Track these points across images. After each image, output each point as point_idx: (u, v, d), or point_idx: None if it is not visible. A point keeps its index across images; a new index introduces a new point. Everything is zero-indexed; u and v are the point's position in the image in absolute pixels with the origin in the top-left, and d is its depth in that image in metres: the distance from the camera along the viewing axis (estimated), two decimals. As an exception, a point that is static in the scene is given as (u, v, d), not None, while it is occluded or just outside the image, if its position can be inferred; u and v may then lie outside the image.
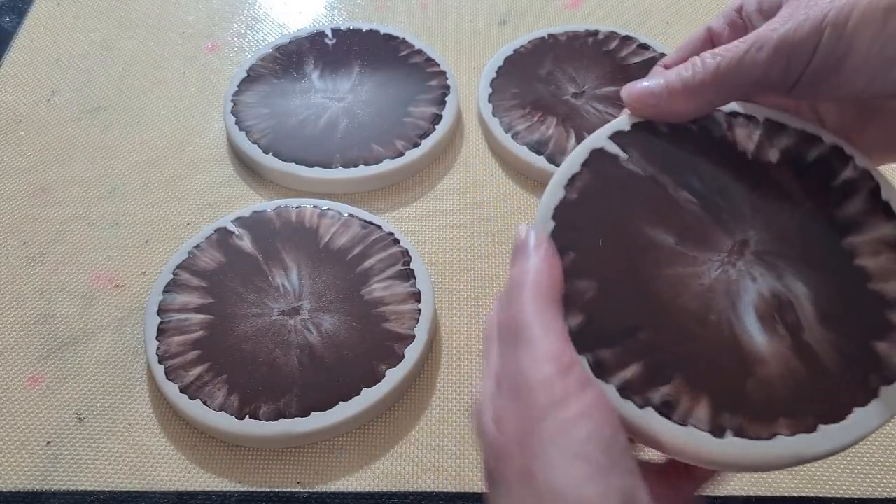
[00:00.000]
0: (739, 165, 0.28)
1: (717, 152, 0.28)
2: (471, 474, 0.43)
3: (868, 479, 0.42)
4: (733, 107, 0.29)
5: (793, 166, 0.28)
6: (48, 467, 0.43)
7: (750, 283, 0.26)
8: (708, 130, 0.29)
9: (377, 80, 0.61)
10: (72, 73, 0.64)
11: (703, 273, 0.26)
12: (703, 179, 0.28)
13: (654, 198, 0.28)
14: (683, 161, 0.28)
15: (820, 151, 0.28)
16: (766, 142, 0.29)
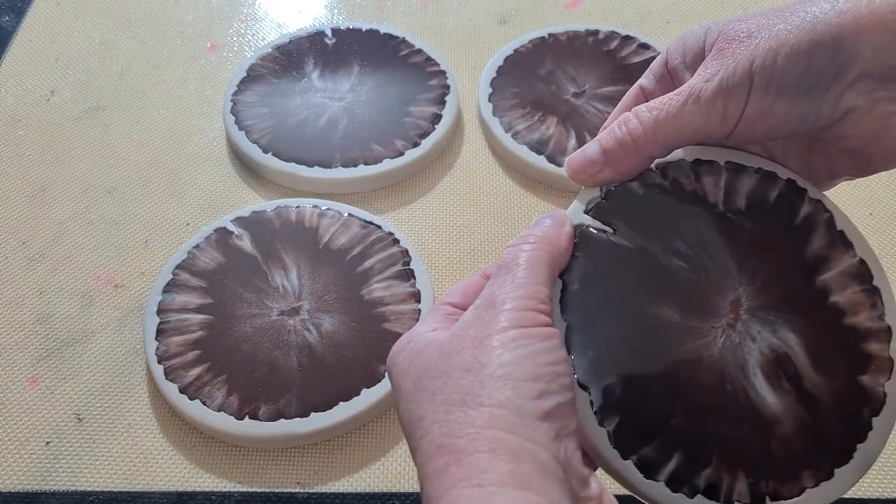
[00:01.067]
0: (715, 219, 0.29)
1: (692, 206, 0.29)
2: (471, 475, 0.43)
3: (868, 479, 0.42)
4: (695, 153, 0.30)
5: (759, 210, 0.29)
6: (47, 467, 0.43)
7: (751, 344, 0.27)
8: (678, 183, 0.29)
9: (377, 80, 0.61)
10: (71, 72, 0.64)
11: (711, 343, 0.27)
12: (688, 241, 0.28)
13: (648, 271, 0.28)
14: (665, 223, 0.29)
15: (779, 189, 0.29)
16: (732, 188, 0.29)
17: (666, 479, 0.26)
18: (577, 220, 0.29)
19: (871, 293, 0.28)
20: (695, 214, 0.29)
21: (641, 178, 0.29)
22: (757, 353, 0.27)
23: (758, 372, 0.27)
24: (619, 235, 0.28)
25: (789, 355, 0.27)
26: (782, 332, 0.27)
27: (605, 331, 0.27)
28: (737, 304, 0.28)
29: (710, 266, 0.28)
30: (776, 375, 0.27)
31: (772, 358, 0.27)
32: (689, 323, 0.27)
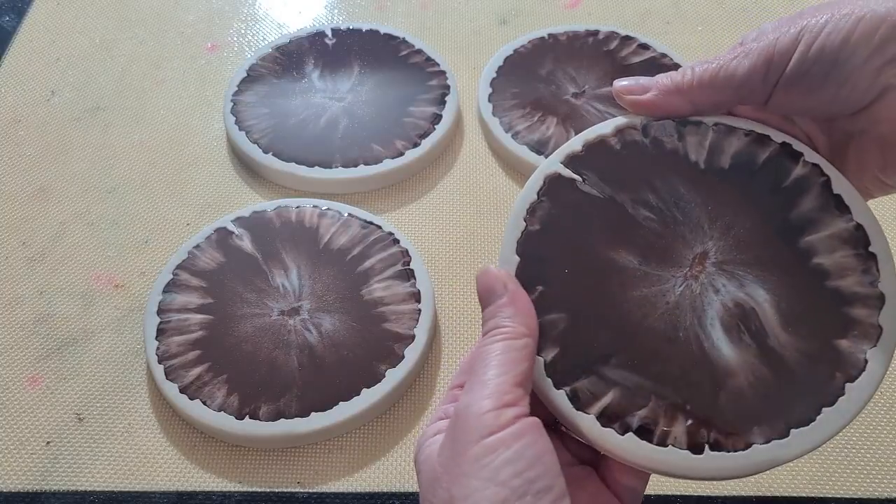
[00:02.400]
0: (694, 175, 0.29)
1: (671, 164, 0.29)
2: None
3: (868, 479, 0.42)
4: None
5: (745, 170, 0.29)
6: (48, 467, 0.43)
7: (713, 296, 0.27)
8: (660, 142, 0.29)
9: (377, 80, 0.61)
10: (71, 73, 0.64)
11: (668, 291, 0.27)
12: (660, 194, 0.28)
13: (613, 219, 0.28)
14: (639, 177, 0.29)
15: (770, 151, 0.29)
16: (717, 148, 0.29)
17: (597, 413, 0.26)
18: (550, 169, 0.29)
19: (865, 258, 0.27)
20: (672, 171, 0.29)
21: (621, 135, 0.30)
22: (718, 305, 0.27)
23: (716, 323, 0.26)
24: (587, 184, 0.29)
25: (755, 311, 0.26)
26: (751, 287, 0.27)
27: (558, 269, 0.27)
28: (703, 256, 0.27)
29: (679, 219, 0.28)
30: (737, 329, 0.26)
31: (735, 312, 0.26)
32: (647, 270, 0.27)
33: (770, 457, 0.25)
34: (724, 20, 0.68)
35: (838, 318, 0.26)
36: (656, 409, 0.26)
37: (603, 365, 0.26)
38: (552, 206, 0.29)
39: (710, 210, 0.28)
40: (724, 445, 0.25)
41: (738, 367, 0.26)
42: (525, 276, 0.28)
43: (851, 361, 0.26)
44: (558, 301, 0.27)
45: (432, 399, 0.46)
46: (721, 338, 0.26)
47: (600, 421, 0.26)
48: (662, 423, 0.25)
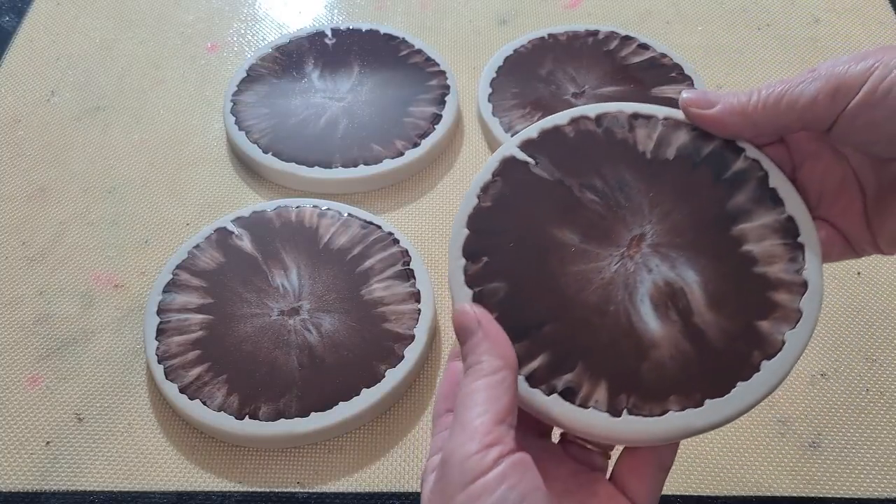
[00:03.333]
0: (640, 164, 0.31)
1: (620, 153, 0.31)
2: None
3: (868, 480, 0.42)
4: (636, 107, 0.32)
5: (688, 162, 0.30)
6: (47, 467, 0.43)
7: (646, 275, 0.29)
8: (611, 133, 0.32)
9: (377, 80, 0.61)
10: (71, 73, 0.64)
11: (604, 268, 0.29)
12: (606, 180, 0.30)
13: (560, 200, 0.30)
14: (588, 163, 0.31)
15: (714, 146, 0.31)
16: (665, 140, 0.31)
17: (527, 374, 0.27)
18: (506, 153, 0.31)
19: (793, 248, 0.28)
20: (619, 159, 0.31)
21: (575, 123, 0.32)
22: (650, 283, 0.28)
23: (646, 300, 0.28)
24: (539, 167, 0.31)
25: (684, 290, 0.28)
26: (682, 269, 0.28)
27: (504, 243, 0.29)
28: (641, 238, 0.29)
29: (622, 203, 0.30)
30: (665, 306, 0.28)
31: (665, 290, 0.28)
32: (587, 247, 0.29)
33: (684, 423, 0.26)
34: (724, 20, 0.68)
35: (762, 302, 0.28)
36: (581, 374, 0.27)
37: (536, 331, 0.28)
38: (504, 186, 0.31)
39: (652, 197, 0.30)
40: (642, 410, 0.26)
41: (662, 340, 0.27)
42: (472, 247, 0.30)
43: (770, 342, 0.27)
44: (500, 272, 0.29)
45: (432, 399, 0.46)
46: (649, 313, 0.28)
47: (529, 382, 0.27)
48: (586, 386, 0.27)
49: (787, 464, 0.43)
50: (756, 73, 0.64)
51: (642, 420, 0.26)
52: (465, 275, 0.29)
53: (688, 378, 0.27)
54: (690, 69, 0.60)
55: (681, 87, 0.59)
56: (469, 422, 0.25)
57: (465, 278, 0.29)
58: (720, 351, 0.27)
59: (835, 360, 0.47)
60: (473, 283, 0.29)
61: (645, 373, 0.27)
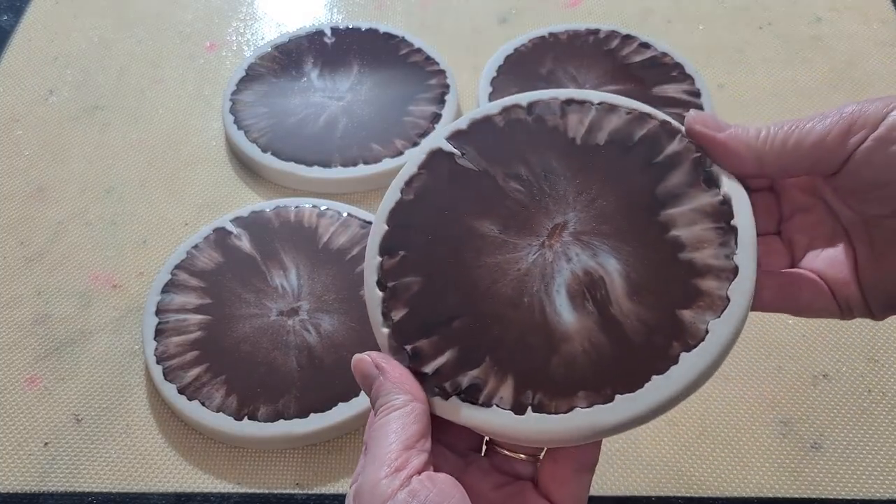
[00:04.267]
0: (569, 151, 0.30)
1: (549, 140, 0.30)
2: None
3: (871, 481, 0.42)
4: (571, 93, 0.31)
5: (620, 146, 0.29)
6: (46, 468, 0.43)
7: (564, 264, 0.27)
8: (542, 120, 0.31)
9: (376, 79, 0.60)
10: (69, 72, 0.64)
11: (522, 258, 0.28)
12: (532, 168, 0.29)
13: (483, 191, 0.29)
14: (515, 152, 0.30)
15: (648, 129, 0.30)
16: (596, 125, 0.30)
17: (432, 371, 0.26)
18: (433, 145, 0.30)
19: (725, 232, 0.27)
20: (548, 147, 0.30)
21: (507, 113, 0.31)
22: (567, 274, 0.27)
23: (562, 290, 0.27)
24: (465, 158, 0.30)
25: (604, 279, 0.27)
26: (604, 257, 0.27)
27: (422, 237, 0.29)
28: (562, 227, 0.28)
29: (546, 191, 0.29)
30: (582, 297, 0.27)
31: (583, 279, 0.27)
32: (505, 238, 0.28)
33: (591, 421, 0.25)
34: (725, 19, 0.68)
35: (686, 290, 0.26)
36: (488, 370, 0.26)
37: (446, 327, 0.27)
38: (429, 178, 0.30)
39: (578, 183, 0.29)
40: (547, 407, 0.25)
41: (575, 333, 0.26)
42: (390, 242, 0.29)
43: (692, 332, 0.25)
44: (416, 266, 0.28)
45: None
46: (564, 304, 0.27)
47: (434, 378, 0.26)
48: (492, 383, 0.26)
49: (788, 465, 0.43)
50: (757, 72, 0.63)
51: (546, 418, 0.25)
52: (378, 272, 0.28)
53: (599, 372, 0.25)
54: (691, 68, 0.60)
55: (682, 85, 0.59)
56: (377, 453, 0.24)
57: (377, 276, 0.28)
58: (637, 343, 0.25)
59: (837, 360, 0.47)
60: (387, 279, 0.28)
61: (554, 368, 0.26)
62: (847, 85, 0.62)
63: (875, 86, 0.62)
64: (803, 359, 0.47)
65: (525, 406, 0.25)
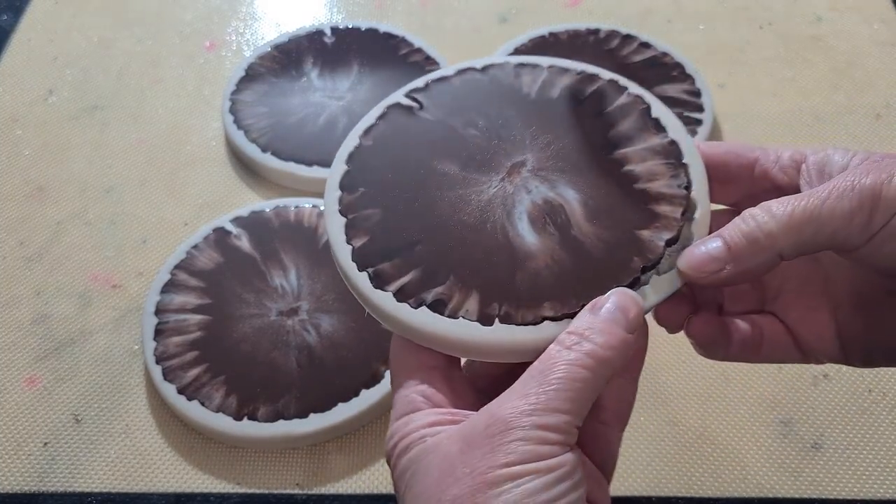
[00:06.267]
0: (523, 105, 0.31)
1: (504, 95, 0.32)
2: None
3: (871, 481, 0.42)
4: (522, 59, 0.33)
5: (571, 100, 0.31)
6: (45, 469, 0.43)
7: (525, 195, 0.29)
8: (497, 79, 0.32)
9: (376, 79, 0.60)
10: (69, 72, 0.64)
11: (483, 191, 0.29)
12: (489, 118, 0.31)
13: (442, 138, 0.31)
14: (472, 106, 0.31)
15: (598, 85, 0.31)
16: (549, 83, 0.32)
17: (395, 290, 0.27)
18: (391, 100, 0.32)
19: (676, 167, 0.29)
20: (504, 100, 0.31)
21: (463, 73, 0.33)
22: (528, 202, 0.28)
23: (523, 216, 0.28)
24: (423, 111, 0.31)
25: (563, 206, 0.28)
26: (562, 188, 0.29)
27: (382, 175, 0.30)
28: (520, 165, 0.29)
29: (504, 136, 0.30)
30: (542, 221, 0.28)
31: (543, 207, 0.28)
32: (465, 175, 0.29)
33: (559, 331, 0.25)
34: (725, 18, 0.68)
35: (643, 213, 0.28)
36: (452, 287, 0.26)
37: (408, 251, 0.28)
38: (387, 127, 0.31)
39: (534, 130, 0.30)
40: (514, 318, 0.25)
41: (538, 251, 0.27)
42: (348, 181, 0.30)
43: (650, 248, 0.27)
44: (376, 199, 0.29)
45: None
46: (526, 228, 0.28)
47: (396, 297, 0.26)
48: (456, 297, 0.26)
49: (788, 465, 0.43)
50: (758, 71, 0.63)
51: (515, 329, 0.25)
52: (339, 204, 0.29)
53: (563, 285, 0.26)
54: (692, 68, 0.60)
55: (682, 85, 0.59)
56: (553, 411, 0.22)
57: (338, 207, 0.29)
58: (598, 258, 0.27)
59: (837, 360, 0.47)
60: (347, 212, 0.29)
61: (519, 282, 0.26)
62: (847, 85, 0.62)
63: (875, 86, 0.62)
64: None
65: (492, 317, 0.26)
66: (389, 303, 0.26)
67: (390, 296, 0.27)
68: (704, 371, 0.46)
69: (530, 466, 0.22)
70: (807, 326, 0.28)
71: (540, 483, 0.22)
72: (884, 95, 0.61)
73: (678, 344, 0.47)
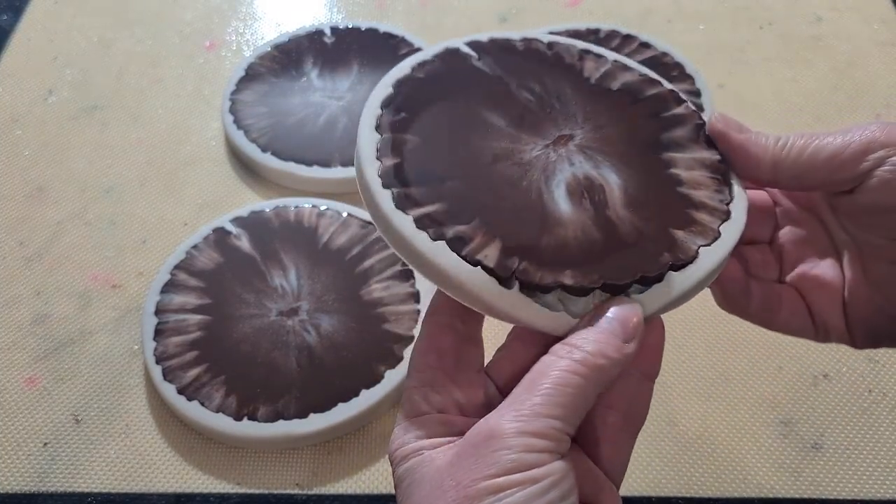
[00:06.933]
0: (582, 85, 0.30)
1: (565, 71, 0.31)
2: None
3: (871, 481, 0.42)
4: (588, 46, 0.32)
5: (630, 95, 0.30)
6: (45, 469, 0.43)
7: (567, 166, 0.28)
8: (559, 56, 0.31)
9: (376, 79, 0.60)
10: (69, 71, 0.64)
11: (525, 150, 0.28)
12: (545, 86, 0.30)
13: (495, 91, 0.29)
14: (530, 71, 0.30)
15: (657, 91, 0.31)
16: (611, 74, 0.31)
17: (416, 216, 0.25)
18: (451, 45, 0.31)
19: (721, 184, 0.28)
20: (564, 77, 0.31)
21: (527, 42, 0.31)
22: (569, 173, 0.27)
23: (561, 185, 0.27)
24: (481, 62, 0.30)
25: (603, 187, 0.27)
26: (605, 170, 0.28)
27: (426, 107, 0.29)
28: (568, 137, 0.28)
29: (556, 108, 0.29)
30: (580, 195, 0.27)
31: (583, 182, 0.27)
32: (512, 131, 0.28)
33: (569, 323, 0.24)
34: (725, 18, 0.68)
35: (682, 216, 0.27)
36: (476, 229, 0.25)
37: (438, 183, 0.26)
38: (442, 66, 0.30)
39: (588, 111, 0.29)
40: (532, 276, 0.24)
41: (569, 221, 0.26)
42: (391, 102, 0.29)
43: (683, 248, 0.26)
44: (416, 127, 0.28)
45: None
46: (562, 196, 0.27)
47: (416, 223, 0.25)
48: (478, 240, 0.25)
49: (789, 465, 0.43)
50: (758, 71, 0.63)
51: (531, 303, 0.24)
52: (376, 121, 0.28)
53: (589, 259, 0.25)
54: (692, 68, 0.60)
55: (682, 85, 0.59)
56: (542, 416, 0.22)
57: (374, 123, 0.28)
58: (628, 244, 0.26)
59: (837, 360, 0.47)
60: (382, 130, 0.27)
61: (544, 245, 0.25)
62: (848, 85, 0.62)
63: (875, 86, 0.62)
64: (804, 359, 0.47)
65: (511, 269, 0.24)
66: (408, 227, 0.25)
67: (410, 220, 0.25)
68: (704, 371, 0.46)
69: (514, 478, 0.21)
70: (820, 299, 0.29)
71: (522, 496, 0.21)
72: (884, 95, 0.61)
73: (678, 344, 0.47)
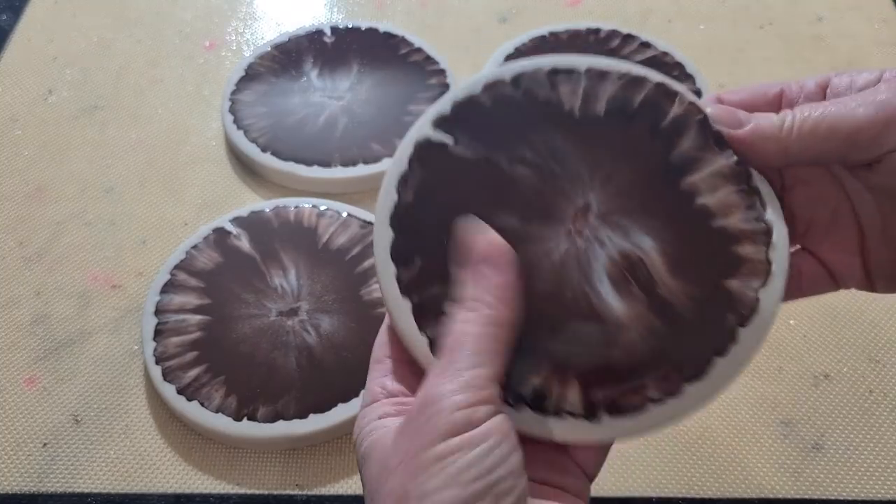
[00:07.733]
0: (569, 125, 0.28)
1: (545, 115, 0.28)
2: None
3: (872, 482, 0.42)
4: (553, 62, 0.29)
5: (621, 115, 0.28)
6: (45, 469, 0.43)
7: (598, 249, 0.26)
8: (532, 94, 0.28)
9: (376, 79, 0.60)
10: (68, 71, 0.64)
11: (553, 249, 0.26)
12: (536, 148, 0.27)
13: (489, 180, 0.27)
14: (513, 133, 0.28)
15: (646, 93, 0.28)
16: (592, 94, 0.28)
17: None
18: (420, 135, 0.28)
19: (748, 194, 0.27)
20: (547, 123, 0.28)
21: (492, 89, 0.28)
22: (604, 259, 0.26)
23: (604, 278, 0.26)
24: (460, 146, 0.27)
25: (643, 260, 0.26)
26: (636, 236, 0.26)
27: (435, 241, 0.26)
28: (586, 209, 0.27)
29: (558, 173, 0.27)
30: (625, 281, 0.26)
31: (622, 263, 0.26)
32: (528, 229, 0.26)
33: (667, 415, 0.24)
34: (726, 18, 0.68)
35: (727, 258, 0.26)
36: (549, 377, 0.25)
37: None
38: (424, 174, 0.27)
39: (589, 160, 0.27)
40: (619, 404, 0.24)
41: (629, 320, 0.25)
42: (400, 250, 0.26)
43: (742, 301, 0.25)
44: (437, 274, 0.26)
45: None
46: (610, 292, 0.26)
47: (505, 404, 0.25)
48: (556, 389, 0.25)
49: (789, 466, 0.42)
50: (758, 71, 0.63)
51: (622, 422, 0.24)
52: (399, 284, 0.26)
53: (662, 358, 0.25)
54: (692, 68, 0.60)
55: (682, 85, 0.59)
56: (462, 370, 0.22)
57: (400, 288, 0.26)
58: (692, 321, 0.25)
59: (838, 360, 0.47)
60: (410, 293, 0.26)
61: (617, 361, 0.25)
62: (848, 84, 0.62)
63: (876, 85, 0.62)
64: (804, 359, 0.47)
65: (596, 407, 0.24)
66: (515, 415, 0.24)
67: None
68: (705, 371, 0.46)
69: (454, 442, 0.21)
70: (836, 256, 0.29)
71: (465, 462, 0.21)
72: (884, 95, 0.61)
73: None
